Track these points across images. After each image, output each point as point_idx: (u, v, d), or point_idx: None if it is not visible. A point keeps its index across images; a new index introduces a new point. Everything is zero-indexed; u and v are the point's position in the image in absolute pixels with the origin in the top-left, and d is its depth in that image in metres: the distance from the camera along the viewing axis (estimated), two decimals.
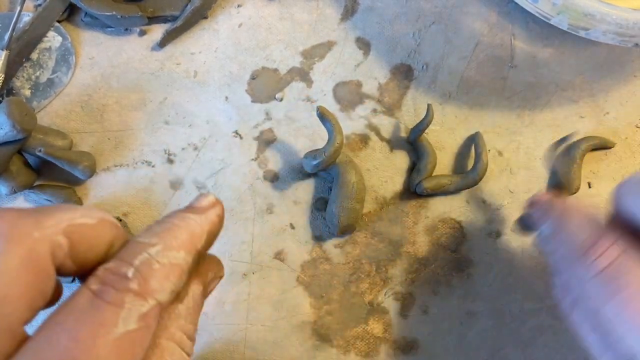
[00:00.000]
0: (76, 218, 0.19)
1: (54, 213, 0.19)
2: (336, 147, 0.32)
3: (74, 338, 0.17)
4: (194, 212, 0.22)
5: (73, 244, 0.19)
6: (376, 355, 0.35)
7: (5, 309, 0.17)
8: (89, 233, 0.19)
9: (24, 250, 0.17)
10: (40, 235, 0.18)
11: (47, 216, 0.19)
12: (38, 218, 0.18)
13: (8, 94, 0.36)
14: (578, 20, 0.29)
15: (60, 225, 0.19)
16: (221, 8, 0.37)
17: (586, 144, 0.35)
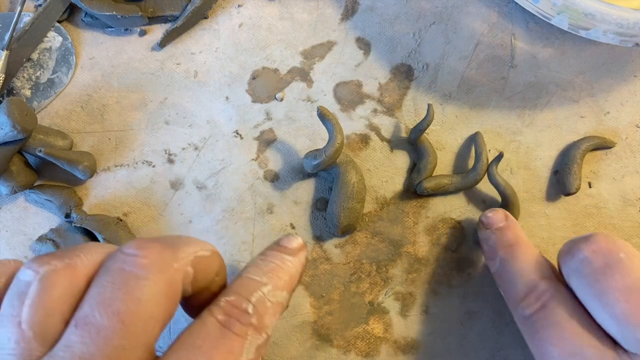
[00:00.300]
0: (199, 251, 0.22)
1: (184, 247, 0.22)
2: (337, 147, 0.32)
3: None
4: (289, 254, 0.26)
5: (196, 273, 0.22)
6: (376, 355, 0.35)
7: (149, 327, 0.19)
8: (206, 263, 0.23)
9: (167, 278, 0.20)
10: (178, 266, 0.21)
11: (180, 249, 0.22)
12: (174, 251, 0.21)
13: (8, 94, 0.36)
14: (578, 20, 0.29)
15: (189, 257, 0.22)
16: (221, 8, 0.37)
17: (586, 144, 0.35)
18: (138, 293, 0.19)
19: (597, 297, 0.24)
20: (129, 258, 0.20)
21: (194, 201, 0.36)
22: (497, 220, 0.31)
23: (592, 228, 0.36)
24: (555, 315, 0.26)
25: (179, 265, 0.21)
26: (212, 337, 0.20)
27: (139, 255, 0.20)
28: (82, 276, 0.20)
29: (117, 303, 0.19)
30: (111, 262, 0.20)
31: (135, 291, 0.19)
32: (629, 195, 0.36)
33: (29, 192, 0.35)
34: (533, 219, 0.36)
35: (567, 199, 0.36)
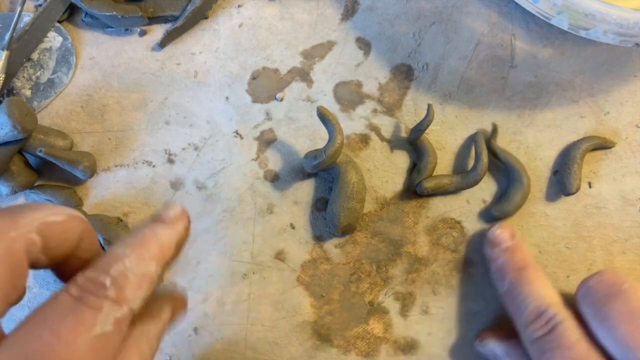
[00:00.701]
0: (47, 216, 0.21)
1: (27, 212, 0.20)
2: (337, 147, 0.32)
3: (56, 334, 0.18)
4: (163, 223, 0.24)
5: (45, 241, 0.20)
6: (376, 355, 0.35)
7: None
8: (59, 229, 0.21)
9: (1, 248, 0.19)
10: (16, 234, 0.19)
11: (21, 215, 0.20)
12: (14, 218, 0.20)
13: (9, 94, 0.36)
14: (578, 20, 0.29)
15: (33, 223, 0.20)
16: (221, 8, 0.37)
17: (586, 144, 0.35)
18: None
19: (601, 321, 0.27)
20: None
21: (194, 201, 0.36)
22: (504, 239, 0.33)
23: (592, 228, 0.36)
24: (562, 339, 0.27)
25: (17, 233, 0.20)
26: (61, 311, 0.19)
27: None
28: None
29: None
30: None
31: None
32: (629, 195, 0.36)
33: (29, 192, 0.35)
34: (533, 219, 0.36)
35: (567, 199, 0.36)
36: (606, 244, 0.36)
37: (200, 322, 0.35)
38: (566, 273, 0.35)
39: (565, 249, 0.36)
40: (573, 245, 0.36)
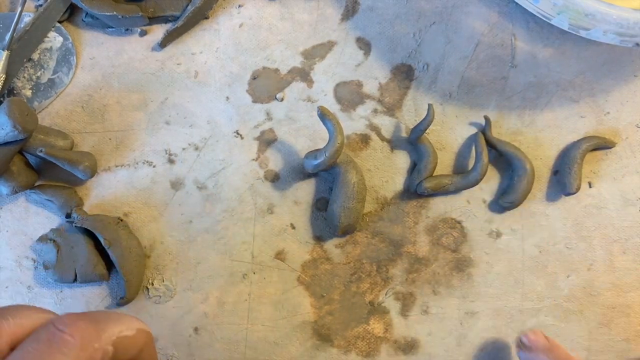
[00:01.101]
0: (123, 331, 0.24)
1: (109, 325, 0.24)
2: (337, 147, 0.32)
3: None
4: None
5: (116, 352, 0.24)
6: (377, 355, 0.35)
7: None
8: (129, 342, 0.25)
9: (86, 356, 0.22)
10: (99, 345, 0.23)
11: (104, 328, 0.24)
12: (98, 329, 0.23)
13: (9, 94, 0.36)
14: (578, 20, 0.29)
15: (112, 337, 0.24)
16: (222, 8, 0.37)
17: (587, 144, 0.35)
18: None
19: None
20: (58, 333, 0.22)
21: (195, 201, 0.36)
22: (539, 342, 0.33)
23: (592, 228, 0.36)
24: None
25: (99, 345, 0.23)
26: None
27: (67, 332, 0.22)
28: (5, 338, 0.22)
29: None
30: (42, 332, 0.23)
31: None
32: (629, 195, 0.36)
33: (29, 192, 0.35)
34: (533, 219, 0.36)
35: (567, 199, 0.36)
36: (606, 244, 0.36)
37: (200, 322, 0.35)
38: (566, 273, 0.35)
39: (566, 249, 0.36)
40: (573, 245, 0.36)
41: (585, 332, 0.35)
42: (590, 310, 0.35)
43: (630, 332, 0.36)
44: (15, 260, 0.35)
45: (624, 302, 0.35)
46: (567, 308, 0.35)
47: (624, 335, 0.36)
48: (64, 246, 0.35)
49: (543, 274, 0.35)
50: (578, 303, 0.35)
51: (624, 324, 0.36)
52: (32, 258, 0.35)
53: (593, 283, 0.36)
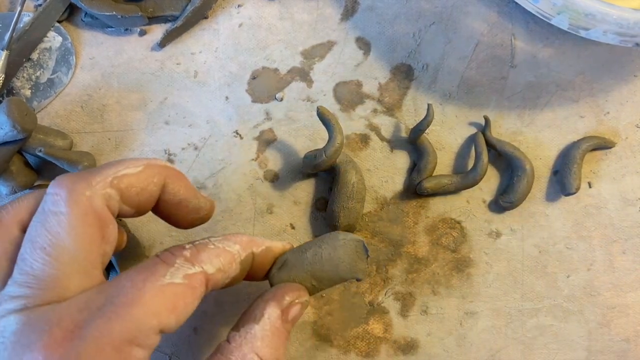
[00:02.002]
0: (120, 170, 0.23)
1: (101, 171, 0.23)
2: (336, 147, 0.32)
3: (130, 280, 0.21)
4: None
5: (122, 192, 0.23)
6: (376, 355, 0.35)
7: (80, 253, 0.22)
8: (135, 180, 0.24)
9: (81, 208, 0.22)
10: (91, 193, 0.22)
11: (95, 175, 0.23)
12: (88, 179, 0.23)
13: (8, 94, 0.36)
14: (578, 20, 0.29)
15: (106, 180, 0.23)
16: (221, 8, 0.37)
17: (586, 144, 0.35)
18: (57, 228, 0.21)
19: None
20: (48, 197, 0.22)
21: None
22: None
23: (592, 228, 0.36)
24: None
25: (92, 192, 0.22)
26: (143, 265, 0.22)
27: (53, 192, 0.22)
28: (12, 224, 0.23)
29: (41, 240, 0.21)
30: (41, 204, 0.23)
31: (54, 226, 0.21)
32: (629, 195, 0.36)
33: (29, 192, 0.35)
34: (533, 219, 0.36)
35: (567, 199, 0.36)
36: (606, 244, 0.36)
37: (200, 322, 0.35)
38: (566, 273, 0.35)
39: (566, 249, 0.35)
40: (573, 245, 0.36)
41: (585, 332, 0.35)
42: (590, 310, 0.35)
43: (630, 332, 0.36)
44: None
45: (624, 302, 0.35)
46: (567, 308, 0.35)
47: (624, 335, 0.36)
48: None
49: (543, 274, 0.35)
50: (578, 303, 0.35)
51: (623, 324, 0.36)
52: None
53: (593, 283, 0.35)
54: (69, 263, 0.21)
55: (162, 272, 0.22)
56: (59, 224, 0.21)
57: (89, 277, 0.22)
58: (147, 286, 0.21)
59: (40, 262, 0.21)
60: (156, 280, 0.21)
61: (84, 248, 0.22)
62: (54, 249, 0.21)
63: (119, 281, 0.22)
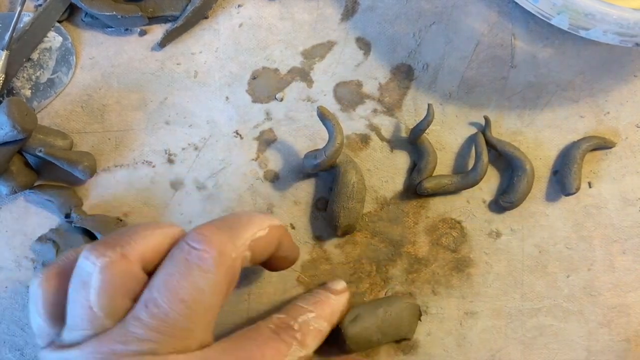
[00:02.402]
0: (256, 233, 0.25)
1: (242, 231, 0.24)
2: (337, 147, 0.32)
3: (261, 352, 0.24)
4: (333, 293, 0.31)
5: (253, 254, 0.25)
6: (376, 355, 0.35)
7: (210, 312, 0.23)
8: (265, 242, 0.25)
9: (226, 269, 0.23)
10: (236, 255, 0.24)
11: (237, 235, 0.24)
12: (234, 239, 0.24)
13: (8, 94, 0.36)
14: (578, 20, 0.29)
15: (246, 243, 0.24)
16: (221, 8, 0.37)
17: (586, 144, 0.35)
18: (202, 284, 0.22)
19: None
20: (193, 251, 0.23)
21: (194, 201, 0.36)
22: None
23: (592, 228, 0.36)
24: None
25: (237, 254, 0.24)
26: (264, 336, 0.25)
27: (202, 249, 0.23)
28: (135, 262, 0.23)
29: (183, 292, 0.22)
30: (177, 252, 0.23)
31: (199, 282, 0.22)
32: (629, 195, 0.36)
33: (28, 192, 0.35)
34: (533, 219, 0.36)
35: (567, 199, 0.36)
36: (606, 244, 0.36)
37: None
38: (566, 273, 0.35)
39: (566, 249, 0.36)
40: (573, 245, 0.36)
41: (585, 332, 0.35)
42: (590, 310, 0.35)
43: (630, 332, 0.36)
44: (15, 260, 0.35)
45: (624, 302, 0.35)
46: (567, 308, 0.35)
47: (624, 335, 0.36)
48: (63, 246, 0.35)
49: (543, 274, 0.35)
50: (578, 303, 0.35)
51: (624, 324, 0.36)
52: (32, 258, 0.35)
53: (593, 283, 0.35)
54: (201, 317, 0.23)
55: (284, 352, 0.24)
56: (205, 282, 0.22)
57: (210, 331, 0.24)
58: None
59: (177, 312, 0.22)
60: (281, 357, 0.24)
61: (216, 305, 0.23)
62: (194, 304, 0.22)
63: (246, 344, 0.24)
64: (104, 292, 0.22)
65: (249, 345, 0.24)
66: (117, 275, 0.23)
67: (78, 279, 0.23)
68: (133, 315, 0.22)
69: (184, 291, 0.22)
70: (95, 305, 0.22)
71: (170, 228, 0.25)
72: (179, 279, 0.22)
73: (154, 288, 0.23)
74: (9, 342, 0.35)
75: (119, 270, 0.23)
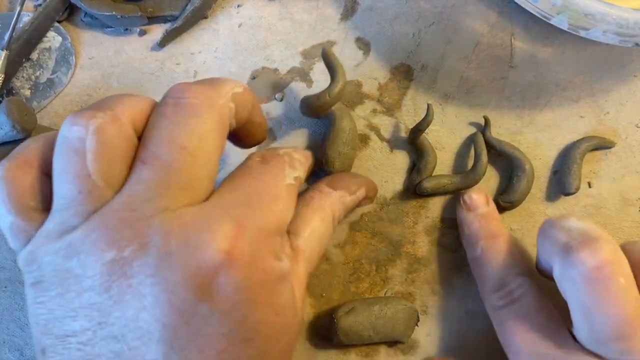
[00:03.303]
0: (234, 87, 0.24)
1: (222, 85, 0.24)
2: (340, 88, 0.32)
3: (261, 180, 0.24)
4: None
5: (236, 107, 0.24)
6: (376, 355, 0.35)
7: (211, 159, 0.22)
8: (242, 98, 0.25)
9: (216, 114, 0.23)
10: (222, 102, 0.23)
11: (220, 88, 0.24)
12: (216, 88, 0.24)
13: (8, 94, 0.36)
14: (578, 20, 0.29)
15: (229, 94, 0.24)
16: (221, 8, 0.37)
17: (586, 144, 0.35)
18: (198, 129, 0.22)
19: (585, 311, 0.24)
20: (180, 100, 0.22)
21: None
22: (480, 204, 0.33)
23: None
24: (523, 310, 0.28)
25: (223, 101, 0.23)
26: (254, 167, 0.25)
27: (188, 97, 0.22)
28: (127, 123, 0.22)
29: (180, 139, 0.21)
30: (163, 107, 0.22)
31: (195, 127, 0.22)
32: (629, 195, 0.36)
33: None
34: (533, 219, 0.36)
35: (567, 199, 0.36)
36: None
37: None
38: None
39: None
40: None
41: None
42: None
43: None
44: (15, 260, 0.35)
45: None
46: None
47: None
48: None
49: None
50: None
51: None
52: None
53: None
54: (204, 164, 0.22)
55: (281, 174, 0.25)
56: (200, 126, 0.22)
57: (213, 181, 0.23)
58: (279, 185, 0.24)
59: (180, 161, 0.21)
60: (282, 180, 0.25)
61: (215, 154, 0.23)
62: (194, 150, 0.21)
63: (244, 182, 0.24)
64: (102, 157, 0.21)
65: (248, 180, 0.24)
66: (113, 136, 0.21)
67: (67, 149, 0.21)
68: (134, 177, 0.21)
69: (182, 139, 0.21)
70: (93, 172, 0.20)
71: (149, 98, 0.24)
72: (173, 128, 0.21)
73: (149, 143, 0.21)
74: (8, 342, 0.35)
75: (114, 131, 0.21)
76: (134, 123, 0.22)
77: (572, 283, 0.25)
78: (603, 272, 0.23)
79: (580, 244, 0.24)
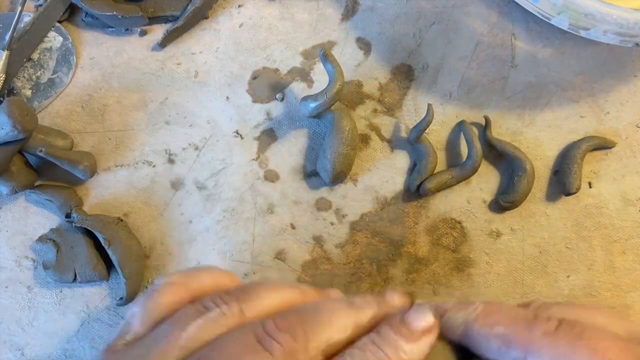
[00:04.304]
0: (333, 336, 0.20)
1: (319, 331, 0.20)
2: (337, 89, 0.32)
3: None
4: (408, 339, 0.21)
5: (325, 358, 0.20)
6: None
7: None
8: (340, 348, 0.20)
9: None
10: (303, 357, 0.20)
11: (313, 336, 0.20)
12: (307, 334, 0.20)
13: (9, 94, 0.36)
14: (578, 20, 0.30)
15: (320, 347, 0.20)
16: (222, 8, 0.37)
17: (586, 144, 0.35)
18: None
19: None
20: (266, 338, 0.20)
21: (195, 201, 0.36)
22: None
23: (592, 228, 0.36)
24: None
25: (305, 356, 0.20)
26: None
27: (275, 338, 0.20)
28: (189, 293, 0.23)
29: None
30: (239, 333, 0.21)
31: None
32: (629, 195, 0.36)
33: (29, 192, 0.35)
34: (533, 218, 0.36)
35: (567, 199, 0.36)
36: (606, 244, 0.36)
37: None
38: (566, 273, 0.35)
39: (566, 249, 0.36)
40: (573, 245, 0.36)
41: None
42: None
43: None
44: (15, 260, 0.35)
45: (624, 302, 0.35)
46: None
47: None
48: (63, 246, 0.35)
49: (543, 273, 0.35)
50: (578, 303, 0.35)
51: None
52: (32, 258, 0.35)
53: (593, 283, 0.35)
54: None
55: None
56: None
57: None
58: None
59: None
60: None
61: None
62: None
63: None
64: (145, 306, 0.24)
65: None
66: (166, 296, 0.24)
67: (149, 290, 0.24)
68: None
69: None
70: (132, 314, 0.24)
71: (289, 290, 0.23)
72: (238, 356, 0.20)
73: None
74: (9, 342, 0.35)
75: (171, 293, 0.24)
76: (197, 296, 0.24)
77: None
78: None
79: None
